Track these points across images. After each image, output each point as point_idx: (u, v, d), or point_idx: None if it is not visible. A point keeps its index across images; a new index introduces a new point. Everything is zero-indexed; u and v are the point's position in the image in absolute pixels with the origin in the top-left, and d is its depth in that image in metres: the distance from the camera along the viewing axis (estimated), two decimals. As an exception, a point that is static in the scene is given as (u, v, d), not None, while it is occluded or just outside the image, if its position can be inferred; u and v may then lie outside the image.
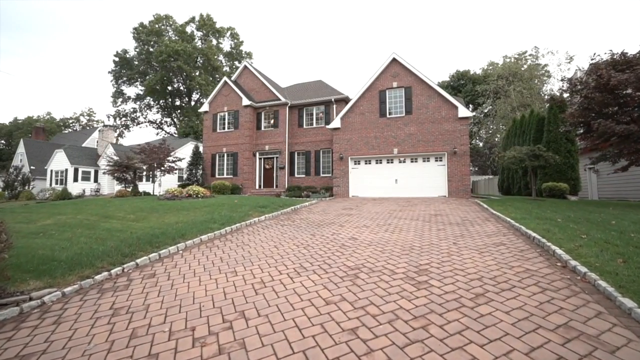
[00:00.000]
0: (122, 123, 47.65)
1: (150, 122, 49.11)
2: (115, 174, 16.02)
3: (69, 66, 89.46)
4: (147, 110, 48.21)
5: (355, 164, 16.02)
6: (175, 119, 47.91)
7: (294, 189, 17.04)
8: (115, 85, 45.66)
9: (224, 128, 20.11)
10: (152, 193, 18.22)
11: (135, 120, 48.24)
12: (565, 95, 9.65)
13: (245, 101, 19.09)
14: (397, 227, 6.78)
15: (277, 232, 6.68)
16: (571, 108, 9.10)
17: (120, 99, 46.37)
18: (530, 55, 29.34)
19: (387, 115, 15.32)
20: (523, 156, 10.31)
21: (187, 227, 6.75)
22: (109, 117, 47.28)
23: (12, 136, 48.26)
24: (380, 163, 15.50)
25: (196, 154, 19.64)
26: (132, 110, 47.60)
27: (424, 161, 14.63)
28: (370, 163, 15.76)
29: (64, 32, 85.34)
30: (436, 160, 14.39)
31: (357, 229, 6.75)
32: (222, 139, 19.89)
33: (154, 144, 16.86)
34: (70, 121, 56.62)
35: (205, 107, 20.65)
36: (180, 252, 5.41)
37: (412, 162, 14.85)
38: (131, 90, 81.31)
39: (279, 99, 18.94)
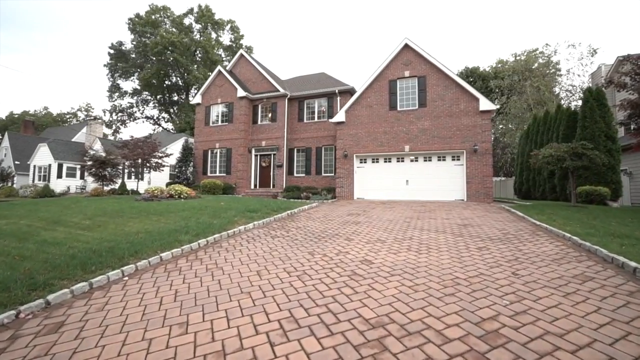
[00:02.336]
0: (119, 118, 46.12)
1: (147, 117, 47.56)
2: (92, 170, 14.34)
3: (68, 61, 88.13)
4: (144, 106, 46.67)
5: (361, 162, 14.40)
6: (173, 115, 46.31)
7: (293, 190, 15.47)
8: (111, 79, 44.15)
9: (217, 122, 18.50)
10: (139, 192, 16.64)
11: (132, 116, 46.67)
12: (625, 78, 8.01)
13: (241, 92, 17.47)
14: (422, 243, 5.20)
15: (265, 248, 5.11)
16: (634, 94, 7.51)
17: (117, 94, 44.80)
18: (540, 52, 27.55)
19: (398, 108, 13.68)
20: (563, 154, 8.68)
21: (148, 239, 5.20)
22: (105, 112, 45.82)
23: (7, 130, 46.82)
24: (390, 162, 13.87)
25: (186, 149, 18.04)
26: (128, 105, 46.07)
27: (439, 160, 12.98)
28: (377, 161, 14.13)
29: (64, 27, 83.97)
30: (453, 159, 12.75)
31: (369, 244, 5.16)
32: (215, 134, 18.28)
33: (138, 138, 15.26)
34: (68, 116, 55.14)
35: (197, 99, 19.03)
36: (125, 279, 3.85)
37: (425, 160, 13.20)
38: (128, 85, 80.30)
39: (278, 90, 17.32)
